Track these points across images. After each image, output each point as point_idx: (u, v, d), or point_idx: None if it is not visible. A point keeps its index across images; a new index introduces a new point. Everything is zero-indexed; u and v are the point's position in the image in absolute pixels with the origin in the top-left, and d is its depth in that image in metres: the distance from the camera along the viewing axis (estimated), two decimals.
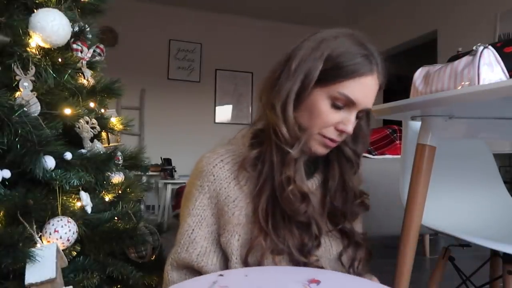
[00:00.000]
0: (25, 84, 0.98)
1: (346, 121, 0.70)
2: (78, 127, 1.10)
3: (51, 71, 1.02)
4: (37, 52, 1.00)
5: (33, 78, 1.00)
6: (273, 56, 0.77)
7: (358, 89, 0.68)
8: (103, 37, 1.35)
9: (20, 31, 0.96)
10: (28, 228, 0.89)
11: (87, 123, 1.10)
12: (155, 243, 1.21)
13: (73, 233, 0.95)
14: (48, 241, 0.91)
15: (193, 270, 0.75)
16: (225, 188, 0.73)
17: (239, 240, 0.72)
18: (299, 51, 0.71)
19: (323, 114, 0.69)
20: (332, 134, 0.71)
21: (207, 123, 5.14)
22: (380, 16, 4.68)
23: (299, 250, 0.71)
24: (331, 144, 0.72)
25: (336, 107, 0.69)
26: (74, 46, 1.16)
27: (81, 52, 1.19)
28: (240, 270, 0.67)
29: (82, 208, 1.03)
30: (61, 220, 0.93)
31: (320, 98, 0.69)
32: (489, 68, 0.78)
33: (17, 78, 0.98)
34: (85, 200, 1.03)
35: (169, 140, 4.76)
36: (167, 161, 4.30)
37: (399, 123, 1.30)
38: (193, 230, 0.74)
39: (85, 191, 1.05)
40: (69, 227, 0.94)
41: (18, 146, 0.90)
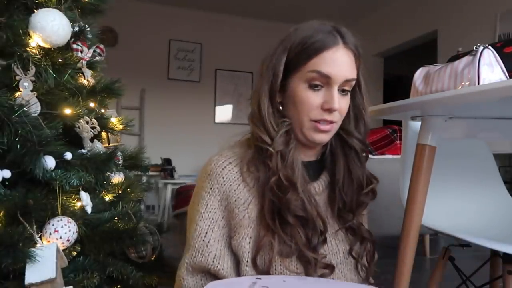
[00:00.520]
0: (25, 84, 0.98)
1: (329, 98, 0.71)
2: (78, 127, 1.10)
3: (51, 71, 1.02)
4: (37, 52, 1.00)
5: (33, 78, 1.00)
6: None
7: (328, 62, 0.70)
8: (103, 37, 1.35)
9: (20, 31, 0.96)
10: (28, 228, 0.89)
11: (87, 123, 1.10)
12: (155, 243, 1.21)
13: (73, 233, 0.95)
14: (48, 241, 0.91)
15: (209, 274, 0.74)
16: (235, 190, 0.73)
17: (250, 243, 0.72)
18: (266, 56, 0.77)
19: (305, 98, 0.72)
20: (321, 115, 0.72)
21: (207, 123, 5.14)
22: (380, 16, 4.68)
23: (306, 246, 0.71)
24: (326, 128, 0.73)
25: (315, 88, 0.71)
26: (74, 46, 1.16)
27: (81, 52, 1.18)
28: (278, 276, 0.69)
29: (82, 208, 1.03)
30: (61, 220, 0.93)
31: (297, 85, 0.72)
32: (489, 68, 0.78)
33: (17, 78, 0.98)
34: (85, 200, 1.03)
35: (169, 140, 4.76)
36: (167, 161, 4.30)
37: (399, 123, 1.30)
38: (206, 233, 0.73)
39: (85, 191, 1.05)
40: (69, 227, 0.94)
41: (18, 146, 0.90)
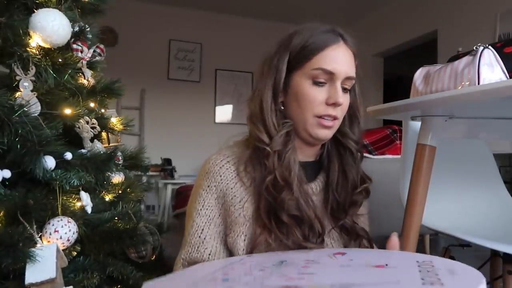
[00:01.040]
0: (25, 84, 0.98)
1: (333, 93, 0.73)
2: (78, 127, 1.10)
3: (51, 71, 1.02)
4: (37, 52, 1.00)
5: (33, 78, 1.00)
6: None
7: (330, 59, 0.72)
8: (103, 37, 1.35)
9: (20, 31, 0.96)
10: (28, 228, 0.89)
11: (87, 123, 1.10)
12: (155, 243, 1.21)
13: (73, 233, 0.95)
14: (48, 241, 0.91)
15: None
16: (232, 189, 0.74)
17: (245, 241, 0.72)
18: (266, 56, 0.79)
19: (309, 94, 0.73)
20: (326, 111, 0.73)
21: (207, 123, 5.14)
22: (380, 16, 4.68)
23: (302, 246, 0.71)
24: (329, 123, 0.74)
25: (319, 84, 0.73)
26: (74, 46, 1.16)
27: (81, 52, 1.18)
28: (269, 253, 0.70)
29: (82, 208, 1.03)
30: (61, 220, 0.93)
31: (301, 82, 0.74)
32: (489, 68, 0.78)
33: (17, 78, 0.98)
34: (85, 200, 1.03)
35: (169, 140, 4.76)
36: (167, 161, 4.30)
37: (399, 123, 1.30)
38: (203, 230, 0.75)
39: (85, 191, 1.05)
40: (69, 227, 0.94)
41: (18, 146, 0.90)
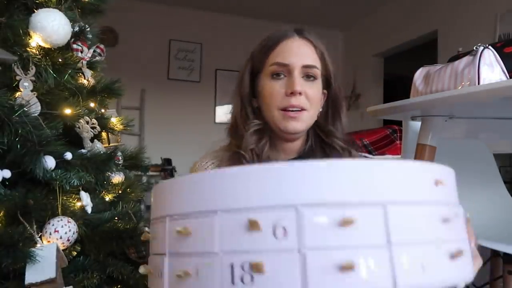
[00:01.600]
0: (25, 84, 0.98)
1: (290, 83, 0.75)
2: (78, 127, 1.10)
3: (51, 71, 1.02)
4: (37, 52, 1.00)
5: (33, 78, 1.00)
6: None
7: (283, 52, 0.76)
8: (103, 37, 1.35)
9: (21, 31, 0.96)
10: (28, 228, 0.89)
11: (87, 123, 1.10)
12: None
13: (73, 233, 0.95)
14: (48, 241, 0.91)
15: None
16: None
17: None
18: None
19: (269, 89, 0.76)
20: (288, 102, 0.75)
21: (207, 123, 5.13)
22: (380, 16, 4.68)
23: None
24: (295, 114, 0.76)
25: (277, 77, 0.76)
26: (74, 46, 1.16)
27: (81, 52, 1.18)
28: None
29: (82, 208, 1.03)
30: (61, 220, 0.93)
31: (264, 81, 0.78)
32: (489, 68, 0.78)
33: (17, 78, 0.98)
34: (85, 200, 1.03)
35: (169, 140, 4.75)
36: (167, 161, 4.29)
37: (399, 123, 1.30)
38: None
39: (85, 191, 1.05)
40: (69, 227, 0.94)
41: (18, 146, 0.90)
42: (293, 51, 0.76)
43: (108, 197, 1.19)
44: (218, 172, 0.36)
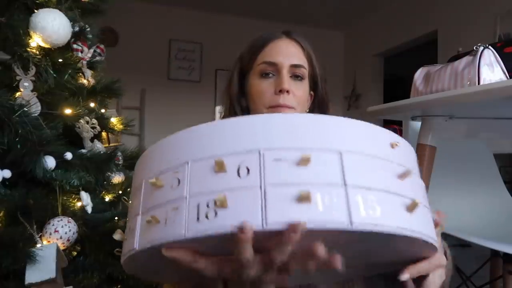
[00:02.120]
0: (26, 84, 0.98)
1: (279, 81, 0.76)
2: (79, 127, 1.10)
3: (52, 71, 1.02)
4: (38, 52, 1.00)
5: (34, 78, 1.00)
6: None
7: (272, 51, 0.78)
8: (104, 37, 1.35)
9: (21, 31, 0.96)
10: (28, 228, 0.89)
11: (87, 123, 1.10)
12: None
13: (73, 233, 0.95)
14: (48, 241, 0.91)
15: None
16: None
17: None
18: None
19: (258, 87, 0.78)
20: (276, 100, 0.76)
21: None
22: (381, 16, 4.68)
23: None
24: (282, 112, 0.77)
25: (265, 75, 0.77)
26: (75, 46, 1.16)
27: (82, 52, 1.18)
28: None
29: (82, 208, 1.03)
30: (61, 220, 0.93)
31: (252, 80, 0.79)
32: (489, 68, 0.78)
33: (18, 78, 0.98)
34: (85, 200, 1.03)
35: None
36: None
37: (399, 123, 1.30)
38: None
39: (85, 191, 1.05)
40: (69, 227, 0.94)
41: (19, 146, 0.90)
42: (282, 51, 0.78)
43: (108, 197, 1.19)
44: (189, 130, 0.39)
